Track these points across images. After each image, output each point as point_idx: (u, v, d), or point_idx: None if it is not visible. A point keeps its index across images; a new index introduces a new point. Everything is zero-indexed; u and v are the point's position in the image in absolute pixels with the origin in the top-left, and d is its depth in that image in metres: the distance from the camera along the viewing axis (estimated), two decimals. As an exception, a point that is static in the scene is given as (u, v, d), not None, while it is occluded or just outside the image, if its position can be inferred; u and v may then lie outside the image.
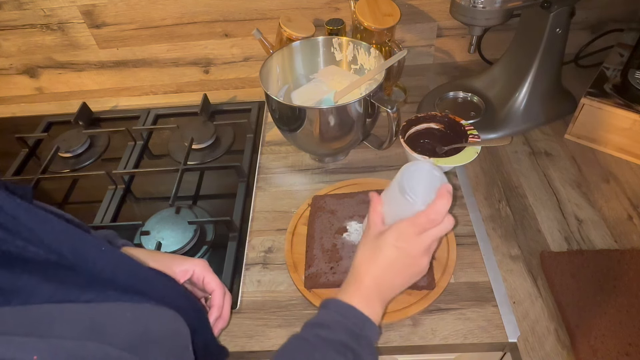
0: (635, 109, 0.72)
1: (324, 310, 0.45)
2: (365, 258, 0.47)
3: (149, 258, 0.53)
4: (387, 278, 0.46)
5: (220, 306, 0.53)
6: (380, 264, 0.46)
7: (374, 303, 0.45)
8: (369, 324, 0.44)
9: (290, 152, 0.85)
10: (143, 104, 1.04)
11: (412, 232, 0.45)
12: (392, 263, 0.45)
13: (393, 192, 0.48)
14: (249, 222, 0.73)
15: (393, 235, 0.45)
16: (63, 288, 0.29)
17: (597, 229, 0.66)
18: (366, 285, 0.46)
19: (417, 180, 0.47)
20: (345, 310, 0.44)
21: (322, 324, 0.44)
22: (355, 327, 0.43)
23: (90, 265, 0.32)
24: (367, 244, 0.48)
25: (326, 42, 0.81)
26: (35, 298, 0.27)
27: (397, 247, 0.45)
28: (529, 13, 0.78)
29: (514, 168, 0.77)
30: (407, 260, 0.45)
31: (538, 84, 0.80)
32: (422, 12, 0.95)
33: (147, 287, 0.36)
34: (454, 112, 0.80)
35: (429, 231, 0.45)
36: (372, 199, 0.50)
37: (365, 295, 0.45)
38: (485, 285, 0.61)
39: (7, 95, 1.12)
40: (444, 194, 0.44)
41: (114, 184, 0.82)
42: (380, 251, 0.46)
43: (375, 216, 0.49)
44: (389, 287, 0.47)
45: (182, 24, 0.98)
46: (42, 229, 0.29)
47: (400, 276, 0.46)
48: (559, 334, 0.55)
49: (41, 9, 0.95)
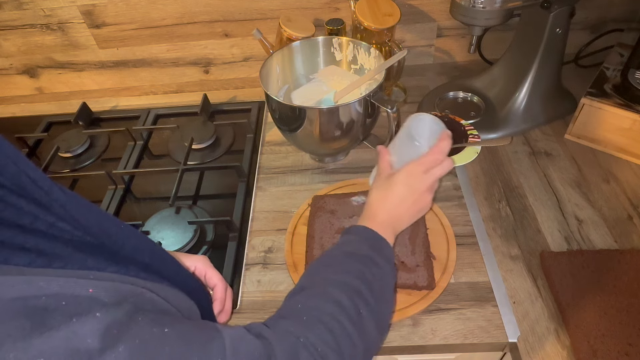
0: (635, 109, 0.72)
1: (347, 235, 0.51)
2: (379, 196, 0.53)
3: None
4: (398, 211, 0.52)
5: (223, 299, 0.54)
6: (392, 200, 0.52)
7: (387, 232, 0.51)
8: (385, 243, 0.50)
9: (290, 152, 0.85)
10: (143, 104, 1.04)
11: (420, 170, 0.52)
12: (403, 198, 0.52)
13: (401, 140, 0.56)
14: (249, 222, 0.73)
15: (403, 174, 0.52)
16: (92, 259, 0.31)
17: (597, 229, 0.66)
18: (380, 218, 0.52)
19: (422, 127, 0.54)
20: (366, 233, 0.50)
21: (347, 242, 0.50)
22: (374, 245, 0.49)
23: (113, 240, 0.33)
24: (379, 185, 0.54)
25: (326, 42, 0.81)
26: (72, 264, 0.29)
27: (407, 184, 0.52)
28: (529, 13, 0.78)
29: (514, 168, 0.77)
30: (415, 195, 0.52)
31: (538, 84, 0.80)
32: (422, 12, 0.95)
33: (163, 268, 0.37)
34: (454, 112, 0.80)
35: (433, 169, 0.52)
36: (381, 150, 0.57)
37: (380, 226, 0.51)
38: (485, 285, 0.61)
39: (7, 95, 1.12)
40: (444, 137, 0.52)
41: (114, 184, 0.82)
42: (391, 189, 0.52)
43: (384, 163, 0.56)
44: (400, 220, 0.53)
45: (182, 24, 0.98)
46: (72, 204, 0.30)
47: (409, 210, 0.53)
48: (559, 334, 0.55)
49: (41, 9, 0.95)
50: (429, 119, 0.55)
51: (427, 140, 0.54)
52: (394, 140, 0.57)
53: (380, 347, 0.56)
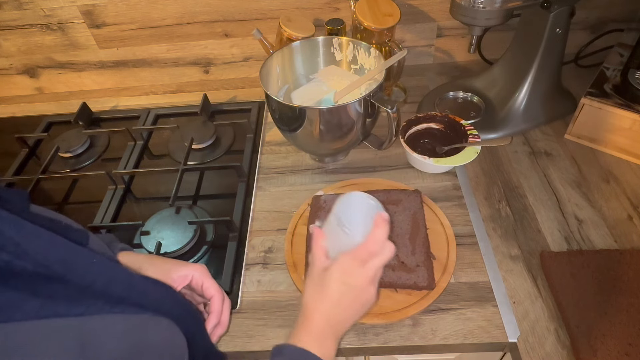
0: (635, 109, 0.72)
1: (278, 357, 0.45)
2: (313, 296, 0.47)
3: (146, 263, 0.52)
4: (337, 313, 0.46)
5: (219, 312, 0.52)
6: (328, 301, 0.46)
7: (326, 341, 0.45)
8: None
9: (290, 152, 0.85)
10: (143, 104, 1.04)
11: (355, 265, 0.45)
12: (340, 298, 0.46)
13: (332, 226, 0.48)
14: (249, 222, 0.73)
15: (337, 270, 0.46)
16: (51, 302, 0.28)
17: (597, 229, 0.66)
18: (316, 323, 0.45)
19: (352, 211, 0.47)
20: (299, 356, 0.44)
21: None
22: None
23: (80, 277, 0.31)
24: (313, 281, 0.48)
25: (326, 42, 0.81)
26: (20, 314, 0.27)
27: (342, 282, 0.45)
28: (529, 13, 0.78)
29: (514, 168, 0.77)
30: (354, 292, 0.46)
31: (538, 84, 0.80)
32: (422, 12, 0.95)
33: (141, 298, 0.36)
34: (454, 112, 0.80)
35: (371, 261, 0.45)
36: (314, 234, 0.50)
37: (317, 334, 0.45)
38: (485, 285, 0.61)
39: (7, 95, 1.12)
40: (379, 223, 0.45)
41: (114, 184, 0.82)
42: (326, 288, 0.46)
43: (318, 251, 0.49)
44: (340, 322, 0.47)
45: (182, 24, 0.98)
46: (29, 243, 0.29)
47: (350, 309, 0.47)
48: (559, 334, 0.55)
49: (41, 9, 0.95)
50: (358, 201, 0.47)
51: (361, 227, 0.46)
52: (325, 223, 0.50)
53: None
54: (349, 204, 0.48)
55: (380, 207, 0.47)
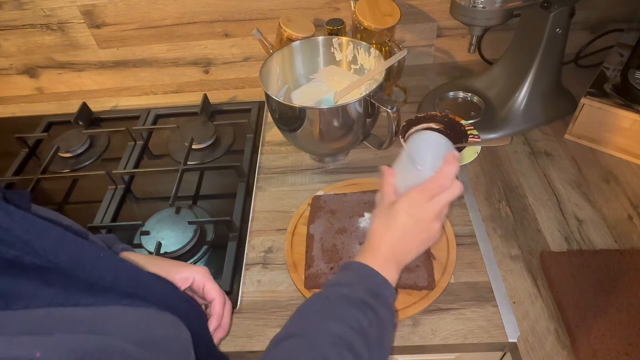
0: (635, 109, 0.72)
1: (344, 271, 0.47)
2: (380, 227, 0.49)
3: (148, 264, 0.52)
4: (402, 244, 0.48)
5: (220, 315, 0.52)
6: (394, 231, 0.47)
7: (390, 268, 0.47)
8: (385, 284, 0.46)
9: (290, 152, 0.85)
10: (143, 104, 1.04)
11: (423, 199, 0.47)
12: (406, 229, 0.47)
13: (403, 162, 0.50)
14: (249, 222, 0.73)
15: (405, 202, 0.47)
16: (64, 292, 0.29)
17: (597, 229, 0.66)
18: (382, 252, 0.47)
19: (424, 149, 0.49)
20: (364, 271, 0.46)
21: (342, 282, 0.46)
22: (373, 287, 0.45)
23: (88, 272, 0.31)
24: (381, 214, 0.50)
25: (326, 42, 0.81)
26: (36, 302, 0.27)
27: (410, 214, 0.47)
28: (529, 13, 0.78)
29: (514, 168, 0.77)
30: (420, 225, 0.47)
31: (538, 84, 0.80)
32: (422, 12, 0.95)
33: (148, 293, 0.36)
34: (454, 112, 0.80)
35: (439, 196, 0.46)
36: (384, 172, 0.52)
37: (383, 260, 0.47)
38: (485, 285, 0.61)
39: (7, 95, 1.12)
40: (450, 159, 0.46)
41: (114, 184, 0.82)
42: (394, 219, 0.47)
43: (388, 187, 0.51)
44: (404, 253, 0.48)
45: (182, 24, 0.98)
46: (37, 240, 0.29)
47: (414, 241, 0.48)
48: (559, 334, 0.55)
49: (41, 9, 0.95)
50: (431, 139, 0.49)
51: (431, 163, 0.48)
52: (397, 161, 0.52)
53: None
54: (422, 142, 0.49)
55: (451, 146, 0.48)
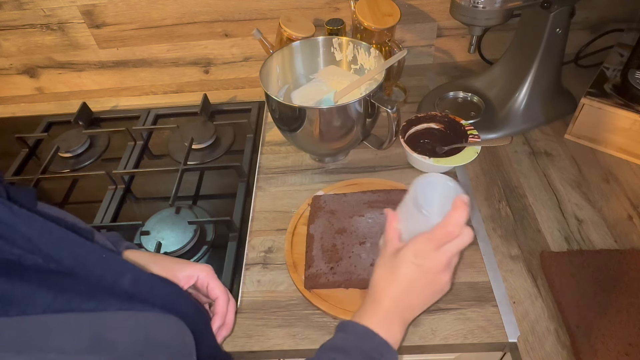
0: (635, 109, 0.72)
1: (341, 333, 0.44)
2: (384, 277, 0.45)
3: (152, 262, 0.52)
4: (407, 298, 0.44)
5: (224, 314, 0.52)
6: (399, 283, 0.44)
7: (393, 326, 0.43)
8: (385, 347, 0.42)
9: (290, 152, 0.85)
10: (143, 104, 1.04)
11: (430, 247, 0.43)
12: (412, 281, 0.43)
13: (408, 207, 0.46)
14: (249, 222, 0.73)
15: (411, 251, 0.43)
16: (63, 297, 0.29)
17: (597, 229, 0.66)
18: (385, 306, 0.44)
19: (431, 193, 0.46)
20: (364, 334, 0.42)
21: (339, 347, 0.42)
22: (373, 352, 0.41)
23: (90, 273, 0.31)
24: (384, 263, 0.46)
25: (326, 42, 0.81)
26: (33, 308, 0.27)
27: (416, 264, 0.43)
28: (529, 13, 0.78)
29: (514, 168, 0.77)
30: (427, 277, 0.43)
31: (538, 84, 0.80)
32: (422, 12, 0.95)
33: (149, 295, 0.36)
34: (454, 112, 0.80)
35: (448, 245, 0.43)
36: (388, 216, 0.48)
37: (384, 317, 0.43)
38: (485, 285, 0.61)
39: (7, 95, 1.12)
40: (459, 205, 0.41)
41: (114, 184, 0.82)
42: (398, 269, 0.44)
43: (392, 233, 0.47)
44: (409, 308, 0.45)
45: (182, 24, 0.98)
46: (40, 238, 0.29)
47: (421, 295, 0.44)
48: (559, 334, 0.55)
49: (41, 9, 0.95)
50: (438, 182, 0.46)
51: (438, 209, 0.44)
52: (401, 205, 0.48)
53: None
54: (428, 185, 0.46)
55: (459, 190, 0.45)
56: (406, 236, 0.47)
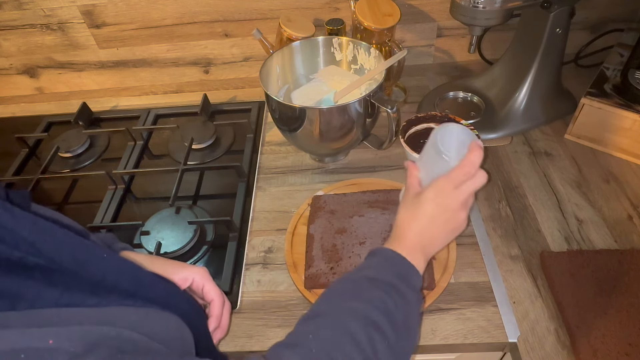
0: (635, 109, 0.72)
1: (371, 257, 0.48)
2: (407, 216, 0.49)
3: (147, 264, 0.52)
4: (429, 233, 0.48)
5: (219, 316, 0.52)
6: (421, 220, 0.48)
7: (417, 256, 0.47)
8: (412, 270, 0.46)
9: (290, 152, 0.85)
10: (143, 104, 1.04)
11: (450, 187, 0.47)
12: (433, 218, 0.48)
13: (428, 154, 0.51)
14: (249, 222, 0.73)
15: (432, 191, 0.48)
16: (68, 293, 0.29)
17: (597, 229, 0.66)
18: (409, 240, 0.48)
19: (449, 139, 0.50)
20: (392, 257, 0.46)
21: (369, 266, 0.47)
22: (400, 271, 0.45)
23: (92, 272, 0.32)
24: (407, 205, 0.50)
25: (326, 42, 0.81)
26: (41, 302, 0.27)
27: (436, 202, 0.47)
28: (529, 13, 0.78)
29: (514, 168, 0.77)
30: (446, 214, 0.48)
31: (538, 84, 0.80)
32: (422, 12, 0.95)
33: (150, 292, 0.36)
34: (454, 112, 0.80)
35: (465, 184, 0.47)
36: (409, 166, 0.53)
37: (409, 248, 0.47)
38: (485, 285, 0.61)
39: (7, 95, 1.12)
40: (475, 148, 0.47)
41: (114, 184, 0.82)
42: (420, 208, 0.48)
43: (413, 180, 0.52)
44: (431, 242, 0.49)
45: (182, 24, 0.98)
46: (41, 241, 0.29)
47: (441, 230, 0.48)
48: (559, 334, 0.55)
49: (41, 9, 0.95)
50: (456, 129, 0.51)
51: (456, 153, 0.49)
52: (421, 154, 0.54)
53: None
54: (447, 132, 0.50)
55: (474, 136, 0.50)
56: (426, 182, 0.51)
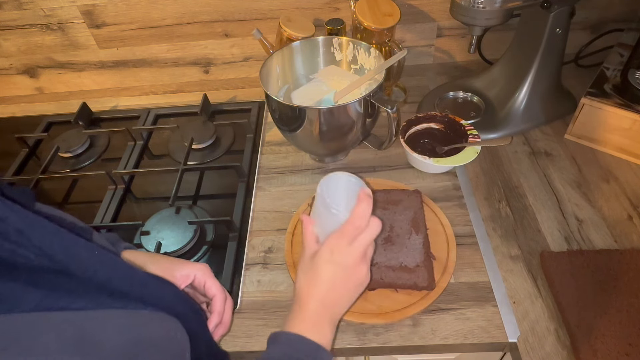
0: (635, 109, 0.72)
1: (273, 345, 0.44)
2: (306, 282, 0.46)
3: (149, 262, 0.52)
4: (331, 296, 0.45)
5: (221, 312, 0.52)
6: (320, 284, 0.45)
7: (322, 326, 0.44)
8: (320, 351, 0.43)
9: (290, 152, 0.85)
10: (143, 104, 1.04)
11: (343, 243, 0.45)
12: (332, 280, 0.45)
13: (318, 208, 0.48)
14: (249, 222, 0.73)
15: (326, 251, 0.45)
16: (53, 295, 0.28)
17: (597, 229, 0.66)
18: (311, 309, 0.45)
19: (335, 191, 0.48)
20: (295, 342, 0.43)
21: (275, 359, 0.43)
22: (308, 358, 0.42)
23: (82, 268, 0.31)
24: (305, 267, 0.47)
25: (326, 42, 0.81)
26: (21, 306, 0.27)
27: (333, 262, 0.45)
28: (529, 13, 0.78)
29: (514, 168, 0.77)
30: (346, 272, 0.45)
31: (538, 84, 0.80)
32: (422, 12, 0.95)
33: (143, 293, 0.36)
34: (454, 112, 0.80)
35: (359, 238, 0.45)
36: (303, 220, 0.50)
37: (313, 320, 0.44)
38: (485, 285, 0.61)
39: (7, 95, 1.12)
40: (362, 198, 0.44)
41: (114, 184, 0.82)
42: (318, 271, 0.45)
43: (308, 236, 0.49)
44: (335, 305, 0.46)
45: (182, 24, 0.98)
46: (32, 231, 0.29)
47: (344, 290, 0.46)
48: (559, 334, 0.55)
49: (41, 9, 0.95)
50: (342, 180, 0.48)
51: (345, 205, 0.47)
52: (313, 208, 0.50)
53: None
54: (331, 184, 0.48)
55: (362, 184, 0.47)
56: (322, 237, 0.48)
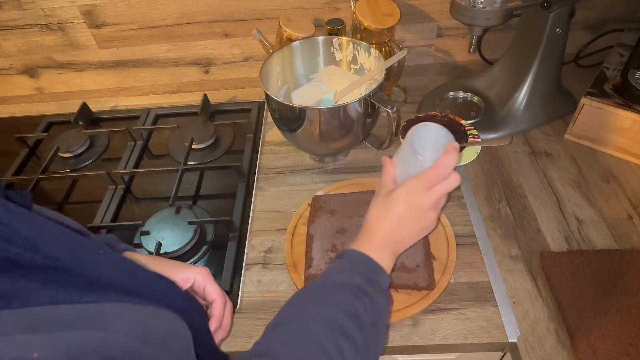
0: (635, 109, 0.72)
1: (339, 259, 0.48)
2: (377, 214, 0.49)
3: (148, 264, 0.52)
4: (398, 232, 0.48)
5: (221, 316, 0.52)
6: (391, 219, 0.48)
7: (385, 255, 0.47)
8: (380, 271, 0.46)
9: (290, 152, 0.85)
10: (143, 104, 1.04)
11: (422, 187, 0.48)
12: (402, 217, 0.48)
13: (404, 153, 0.51)
14: (249, 222, 0.73)
15: (403, 190, 0.48)
16: (64, 291, 0.29)
17: (597, 229, 0.66)
18: (378, 239, 0.48)
19: (425, 139, 0.50)
20: (359, 258, 0.47)
21: (337, 269, 0.47)
22: (368, 273, 0.46)
23: (88, 268, 0.31)
24: (378, 202, 0.50)
25: (326, 42, 0.81)
26: (35, 300, 0.27)
27: (407, 202, 0.48)
28: (529, 13, 0.78)
29: (514, 168, 0.77)
30: (417, 214, 0.48)
31: (538, 84, 0.80)
32: (422, 12, 0.95)
33: (147, 290, 0.36)
34: (454, 112, 0.80)
35: (437, 186, 0.48)
36: (385, 162, 0.53)
37: (378, 247, 0.48)
38: (485, 285, 0.61)
39: (7, 95, 1.12)
40: (450, 150, 0.47)
41: (114, 184, 0.82)
42: (391, 207, 0.48)
43: (387, 177, 0.52)
44: (399, 241, 0.49)
45: (182, 24, 0.98)
46: (38, 235, 0.29)
47: (410, 230, 0.49)
48: (559, 334, 0.55)
49: (41, 9, 0.95)
50: (432, 130, 0.50)
51: (431, 153, 0.49)
52: (398, 151, 0.53)
53: None
54: (424, 132, 0.50)
55: (451, 138, 0.50)
56: (401, 180, 0.51)
